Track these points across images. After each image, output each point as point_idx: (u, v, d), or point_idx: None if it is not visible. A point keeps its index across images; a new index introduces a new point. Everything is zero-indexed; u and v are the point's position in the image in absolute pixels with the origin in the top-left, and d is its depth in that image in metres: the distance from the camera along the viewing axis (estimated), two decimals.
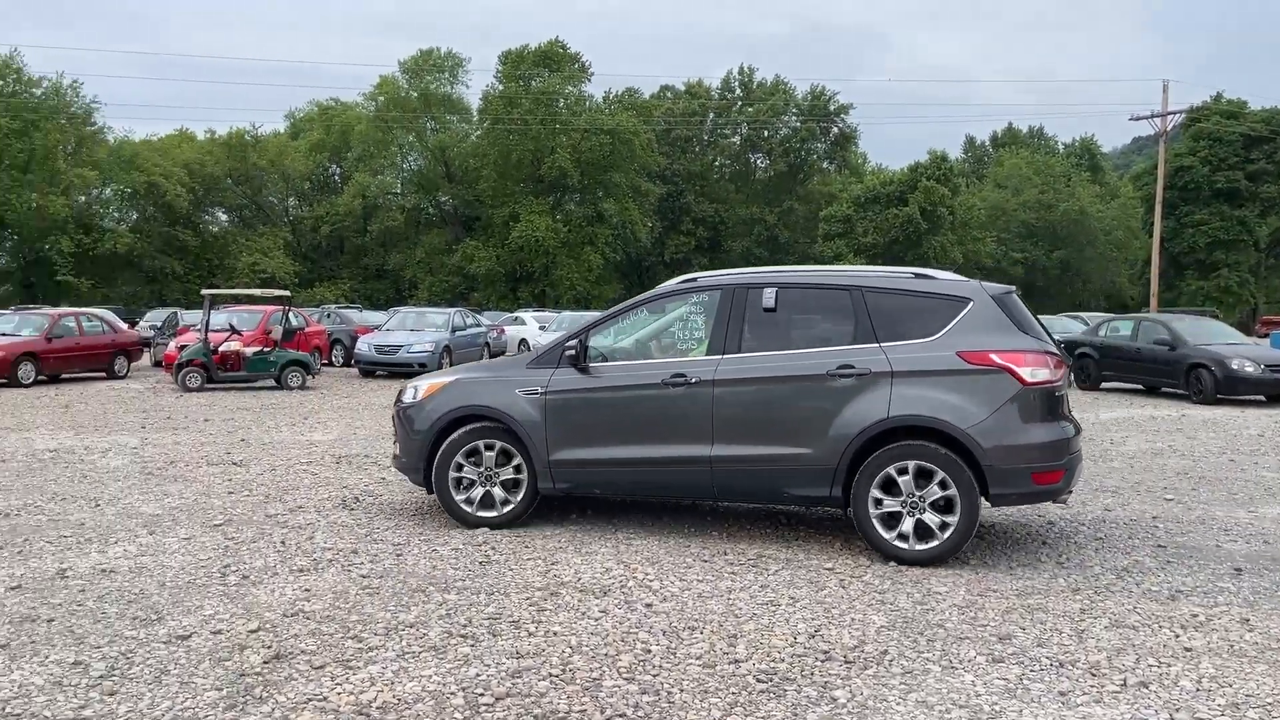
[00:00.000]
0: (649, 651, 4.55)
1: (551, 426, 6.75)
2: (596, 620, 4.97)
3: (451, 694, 4.02)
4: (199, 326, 20.19)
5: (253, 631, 4.72)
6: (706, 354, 6.65)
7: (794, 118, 66.08)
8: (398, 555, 6.20)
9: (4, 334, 20.48)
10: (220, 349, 18.54)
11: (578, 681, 4.18)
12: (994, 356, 6.10)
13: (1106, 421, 14.18)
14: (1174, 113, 40.22)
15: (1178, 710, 3.97)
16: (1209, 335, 18.57)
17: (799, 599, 5.38)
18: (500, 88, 57.52)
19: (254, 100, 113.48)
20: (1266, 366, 17.01)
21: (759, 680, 4.23)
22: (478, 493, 6.94)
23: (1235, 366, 16.86)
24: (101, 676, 4.16)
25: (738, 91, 67.74)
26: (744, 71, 67.60)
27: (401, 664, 4.34)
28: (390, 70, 61.25)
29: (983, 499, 6.12)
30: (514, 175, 57.18)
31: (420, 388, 7.24)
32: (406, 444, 7.20)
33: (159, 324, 28.89)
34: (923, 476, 6.06)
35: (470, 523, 6.92)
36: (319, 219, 60.76)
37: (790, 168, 66.48)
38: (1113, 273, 69.81)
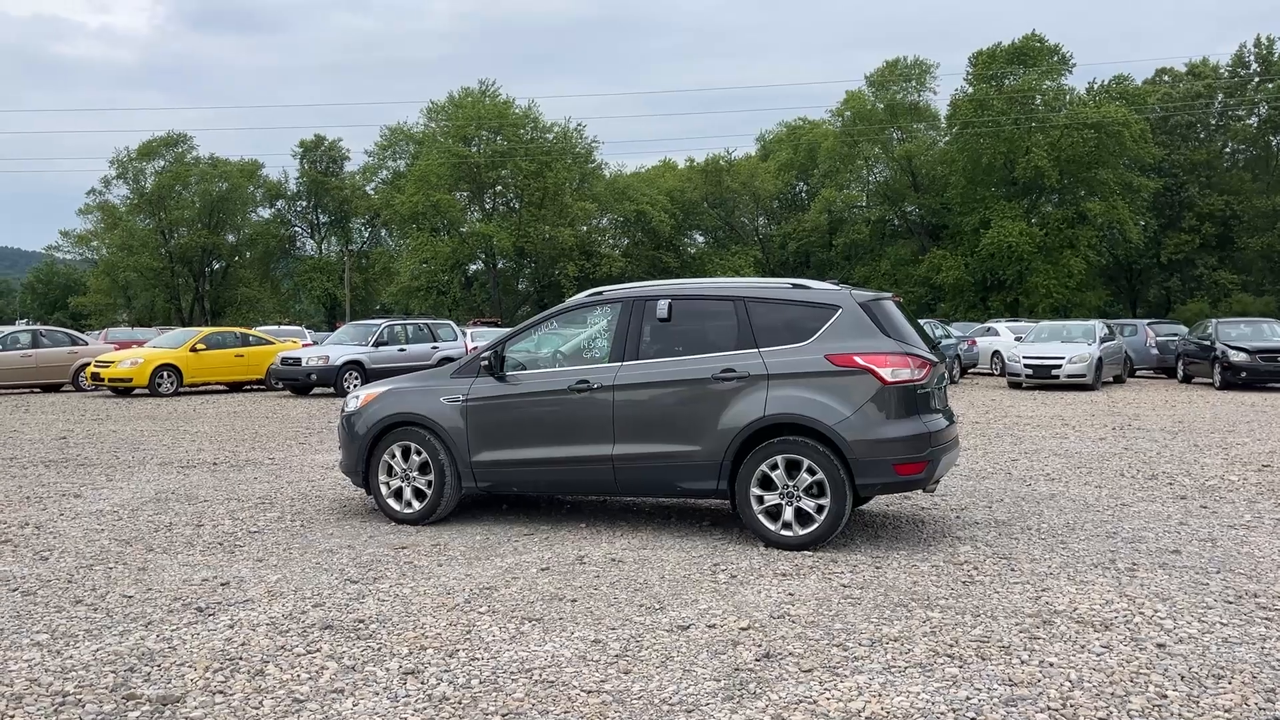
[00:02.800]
0: (1164, 696, 4.07)
1: (472, 430, 7.36)
2: (1098, 655, 4.56)
3: (941, 714, 3.91)
4: None
5: (744, 629, 4.96)
6: (608, 361, 7.23)
7: None
8: (877, 567, 6.18)
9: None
10: None
11: (1081, 719, 3.85)
12: (857, 358, 6.63)
13: None
14: None
15: None
16: None
17: None
18: (969, 90, 55.54)
19: (728, 126, 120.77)
20: None
21: None
22: (406, 491, 7.56)
23: None
24: (617, 656, 4.62)
25: (1254, 67, 59.03)
26: (1261, 43, 58.75)
27: (888, 677, 4.31)
28: (857, 84, 61.91)
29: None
30: (984, 180, 54.90)
31: (360, 397, 7.94)
32: (348, 448, 7.88)
33: None
34: (797, 469, 6.61)
35: (398, 519, 7.55)
36: (786, 236, 63.10)
37: None
38: None
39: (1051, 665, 4.44)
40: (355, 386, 21.72)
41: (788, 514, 6.62)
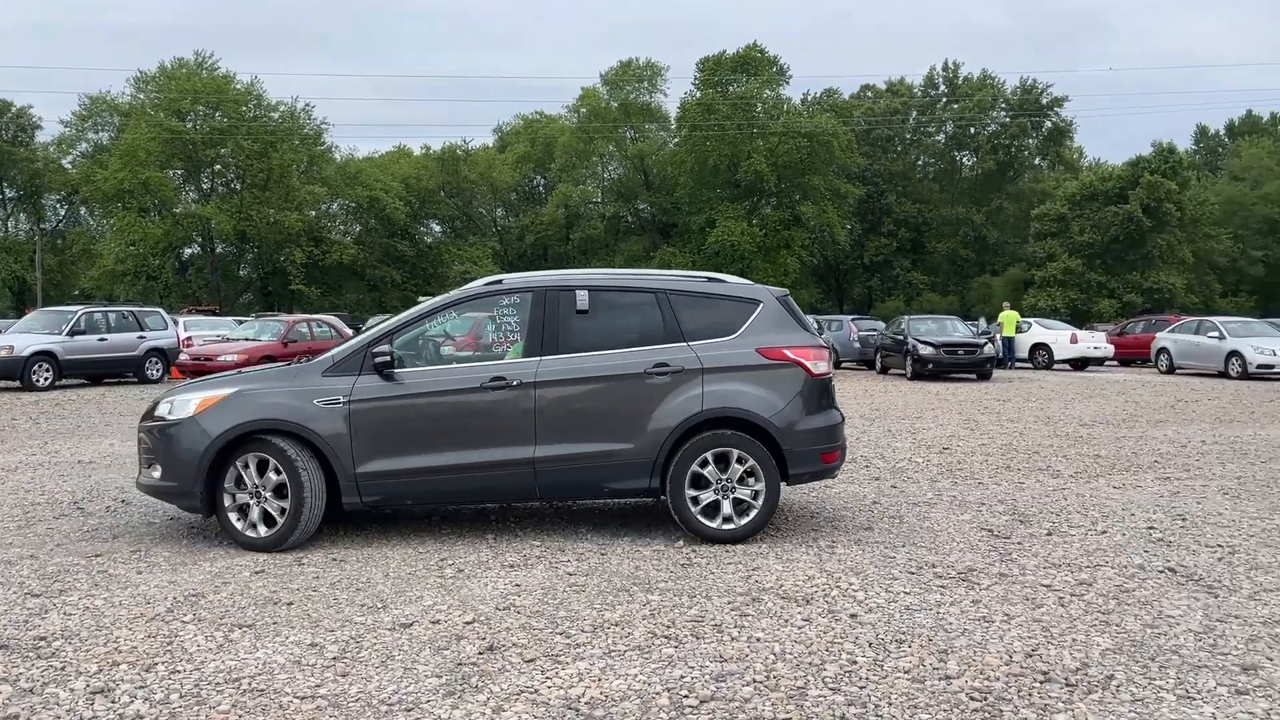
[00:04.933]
0: (855, 662, 4.45)
1: (358, 438, 6.42)
2: (800, 628, 4.91)
3: (657, 694, 4.07)
4: None
5: (468, 623, 4.94)
6: (524, 356, 6.70)
7: (1003, 113, 63.25)
8: (602, 554, 6.34)
9: (246, 339, 22.49)
10: None
11: (782, 689, 4.14)
12: (787, 352, 6.85)
13: None
14: None
15: None
16: None
17: (1014, 616, 5.12)
18: (698, 94, 58.00)
19: (465, 116, 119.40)
20: None
21: (972, 699, 4.05)
22: (254, 512, 6.42)
23: None
24: (335, 658, 4.46)
25: (942, 88, 65.51)
26: (948, 67, 65.31)
27: (608, 661, 4.43)
28: (592, 82, 63.09)
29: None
30: (710, 181, 57.51)
31: (191, 401, 6.53)
32: (173, 465, 6.44)
33: None
34: (733, 462, 6.66)
35: (250, 545, 6.39)
36: (524, 228, 63.25)
37: (999, 165, 63.60)
38: None
39: (758, 640, 4.74)
40: (47, 379, 19.63)
41: (726, 508, 6.63)
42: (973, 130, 63.62)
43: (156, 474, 6.58)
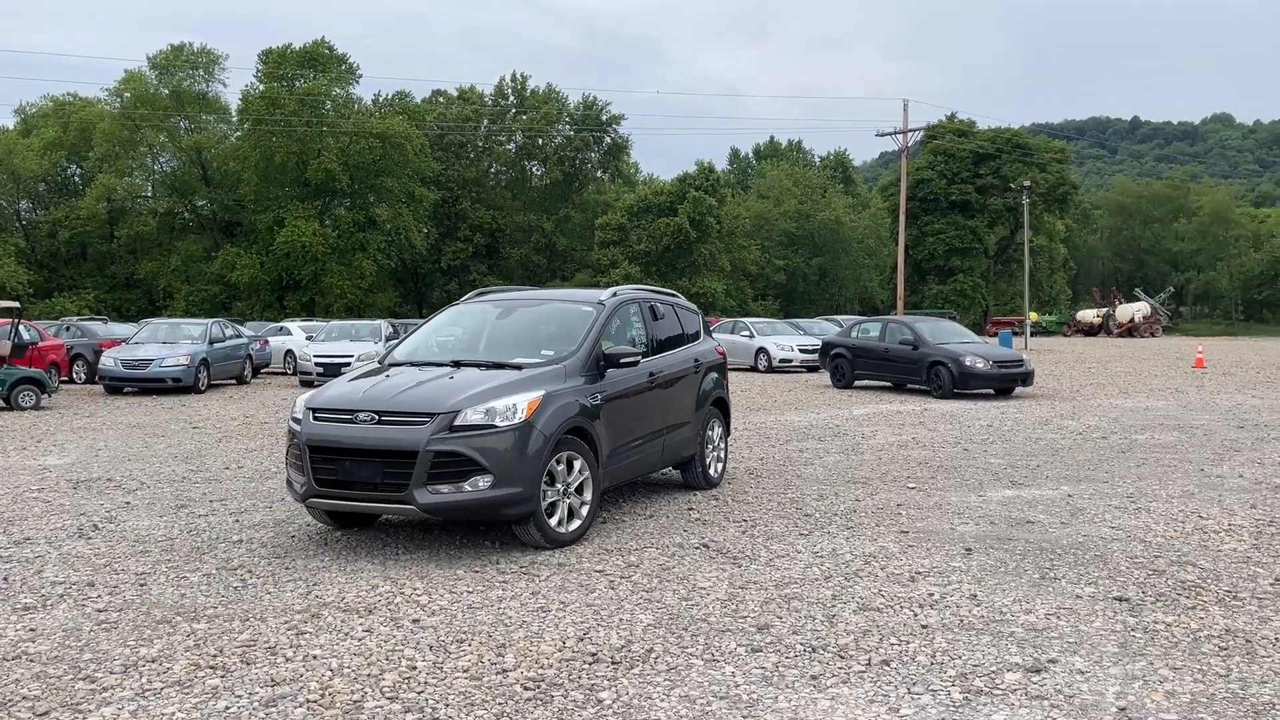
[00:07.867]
0: (414, 668, 4.44)
1: (605, 430, 7.25)
2: (360, 640, 4.80)
3: None
4: None
5: None
6: (650, 355, 8.13)
7: (568, 126, 66.68)
8: (141, 585, 5.76)
9: None
10: None
11: (337, 706, 4.02)
12: (722, 349, 9.65)
13: (859, 417, 15.15)
14: (914, 130, 43.57)
15: (914, 685, 4.28)
16: (946, 335, 20.18)
17: (569, 603, 5.41)
18: (261, 88, 54.74)
19: None
20: (995, 363, 18.71)
21: (525, 688, 4.21)
22: (561, 508, 6.78)
23: (969, 363, 18.42)
24: None
25: (511, 99, 67.57)
26: (516, 79, 67.60)
27: (140, 703, 4.03)
28: (138, 65, 57.09)
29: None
30: (278, 179, 54.55)
31: (517, 404, 6.50)
32: (515, 472, 6.35)
33: None
34: (716, 429, 9.15)
35: (561, 542, 6.70)
36: (57, 223, 55.67)
37: (566, 176, 66.99)
38: (865, 278, 74.89)
39: (315, 658, 4.56)
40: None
41: (715, 463, 9.08)
42: (540, 141, 66.41)
43: (481, 484, 6.30)
